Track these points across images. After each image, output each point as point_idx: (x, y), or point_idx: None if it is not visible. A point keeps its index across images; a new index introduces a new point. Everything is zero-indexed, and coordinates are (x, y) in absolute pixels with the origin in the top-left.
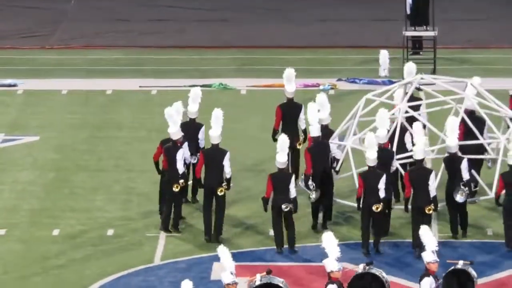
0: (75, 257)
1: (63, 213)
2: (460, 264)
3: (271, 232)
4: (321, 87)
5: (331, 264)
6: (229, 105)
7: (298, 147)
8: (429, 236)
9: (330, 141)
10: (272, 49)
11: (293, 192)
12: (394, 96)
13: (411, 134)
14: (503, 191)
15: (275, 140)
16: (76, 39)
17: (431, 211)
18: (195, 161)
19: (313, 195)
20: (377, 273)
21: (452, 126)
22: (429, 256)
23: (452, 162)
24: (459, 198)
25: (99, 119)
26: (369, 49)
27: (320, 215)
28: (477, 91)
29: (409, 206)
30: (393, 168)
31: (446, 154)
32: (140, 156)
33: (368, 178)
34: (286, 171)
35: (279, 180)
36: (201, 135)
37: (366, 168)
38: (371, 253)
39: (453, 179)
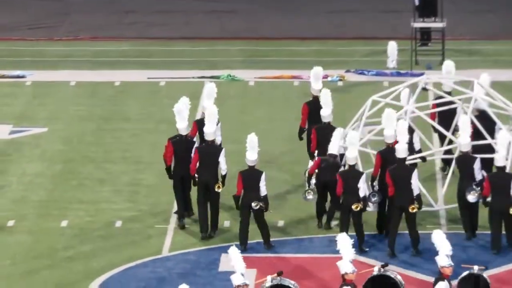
0: (83, 248)
1: (71, 204)
2: (475, 269)
3: (279, 224)
4: (329, 79)
5: (346, 266)
6: (237, 97)
7: None
8: (442, 240)
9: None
10: (280, 41)
11: (263, 190)
12: (401, 97)
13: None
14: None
15: (301, 138)
16: (84, 31)
17: (414, 210)
18: None
19: (309, 196)
20: (392, 275)
21: (464, 125)
22: (443, 260)
23: (464, 162)
24: (471, 198)
25: (107, 110)
26: (378, 40)
27: (325, 216)
28: (485, 90)
29: None
30: None
31: (459, 153)
32: (147, 148)
33: (348, 177)
34: (256, 168)
35: (249, 178)
36: (218, 131)
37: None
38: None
39: (464, 179)
